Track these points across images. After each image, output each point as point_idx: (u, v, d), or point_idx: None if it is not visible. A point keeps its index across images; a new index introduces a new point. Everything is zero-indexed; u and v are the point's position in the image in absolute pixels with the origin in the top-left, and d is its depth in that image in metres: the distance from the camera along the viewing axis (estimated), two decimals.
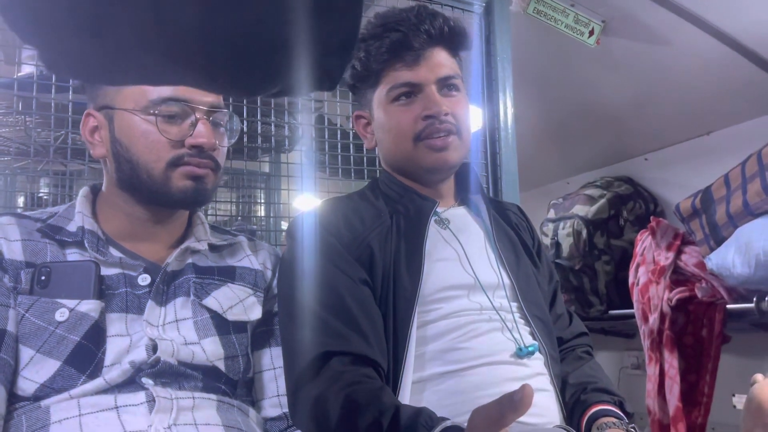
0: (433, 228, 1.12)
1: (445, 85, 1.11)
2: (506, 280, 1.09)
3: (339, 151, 1.72)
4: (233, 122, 1.03)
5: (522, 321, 1.07)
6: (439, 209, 1.15)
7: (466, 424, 0.74)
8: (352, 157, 1.71)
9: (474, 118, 1.83)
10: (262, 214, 2.18)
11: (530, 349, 1.02)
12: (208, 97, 0.96)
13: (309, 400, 0.92)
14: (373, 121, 1.17)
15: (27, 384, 0.82)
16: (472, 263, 1.08)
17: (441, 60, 1.11)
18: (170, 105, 0.93)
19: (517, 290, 1.09)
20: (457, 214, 1.17)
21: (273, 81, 0.49)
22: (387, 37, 1.09)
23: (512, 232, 1.20)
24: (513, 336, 1.03)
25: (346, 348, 0.95)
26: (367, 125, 1.20)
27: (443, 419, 0.81)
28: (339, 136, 1.73)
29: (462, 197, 1.22)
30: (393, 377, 0.97)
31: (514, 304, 1.08)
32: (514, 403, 0.66)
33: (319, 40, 0.44)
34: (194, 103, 0.95)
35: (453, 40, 1.14)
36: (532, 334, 1.07)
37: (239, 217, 2.06)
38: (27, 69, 1.39)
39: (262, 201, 2.19)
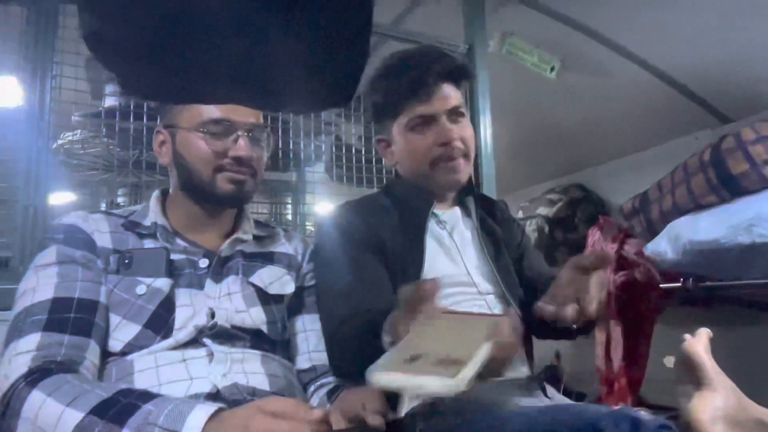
0: (432, 226, 1.10)
1: (454, 113, 1.09)
2: (491, 274, 1.08)
3: (354, 164, 1.73)
4: (269, 139, 1.04)
5: (500, 300, 1.06)
6: (438, 211, 1.13)
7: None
8: (363, 169, 1.74)
9: None
10: (290, 216, 2.20)
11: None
12: (250, 118, 0.96)
13: (340, 349, 0.94)
14: (394, 144, 1.14)
15: (115, 343, 0.84)
16: (463, 255, 1.08)
17: (449, 93, 1.09)
18: (216, 125, 0.94)
19: (498, 277, 1.07)
20: (453, 215, 1.16)
21: (298, 99, 0.49)
22: (404, 76, 1.07)
23: (497, 228, 1.17)
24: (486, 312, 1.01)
25: (364, 308, 0.94)
26: (387, 147, 1.17)
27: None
28: (353, 152, 1.76)
29: (459, 198, 1.20)
30: None
31: (496, 289, 1.07)
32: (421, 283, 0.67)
33: (335, 65, 0.44)
34: (236, 123, 0.94)
35: (458, 75, 1.12)
36: (504, 304, 1.05)
37: (272, 219, 2.08)
38: (110, 102, 1.43)
39: (290, 205, 2.21)
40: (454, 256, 1.08)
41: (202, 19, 0.41)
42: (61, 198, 1.80)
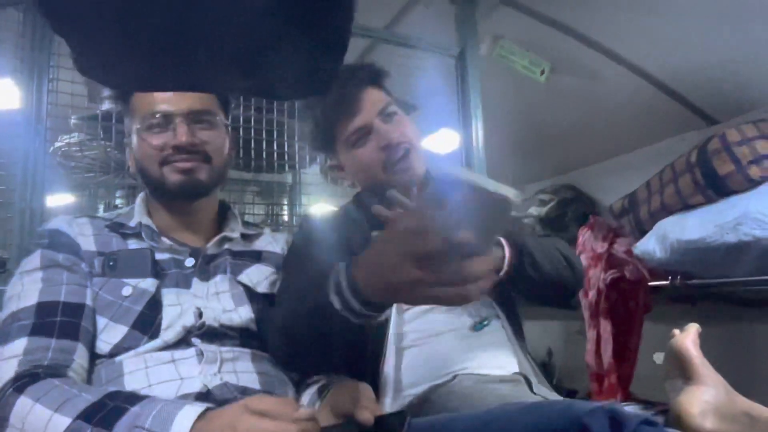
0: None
1: (384, 114, 1.05)
2: None
3: None
4: (223, 120, 0.99)
5: (484, 299, 1.03)
6: None
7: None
8: None
9: (452, 140, 1.87)
10: (286, 217, 2.19)
11: (484, 323, 1.00)
12: (188, 103, 0.92)
13: (274, 333, 0.88)
14: (345, 166, 1.11)
15: (103, 345, 0.83)
16: None
17: (374, 96, 1.06)
18: (153, 118, 0.92)
19: None
20: None
21: (276, 85, 0.46)
22: (330, 101, 1.05)
23: None
24: (472, 313, 1.01)
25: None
26: (340, 171, 1.14)
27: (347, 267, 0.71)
28: None
29: None
30: (375, 350, 0.95)
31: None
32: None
33: (314, 52, 0.41)
34: (173, 112, 0.91)
35: (373, 77, 1.08)
36: (492, 307, 1.03)
37: (269, 220, 2.09)
38: (107, 105, 1.42)
39: (286, 206, 2.21)
40: None
41: (177, 4, 0.38)
42: (59, 200, 1.79)
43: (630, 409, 0.84)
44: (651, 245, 1.71)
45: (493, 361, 0.96)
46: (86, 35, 0.40)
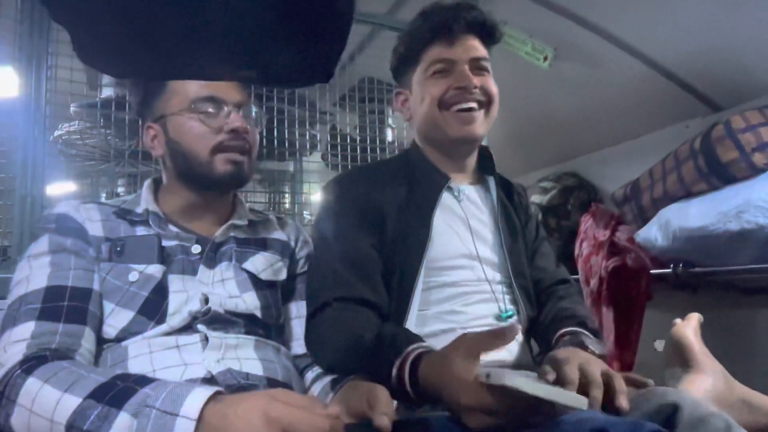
0: (446, 202, 1.03)
1: (478, 65, 1.02)
2: (501, 258, 1.03)
3: (349, 152, 1.73)
4: (260, 118, 1.01)
5: (507, 291, 1.02)
6: (455, 186, 1.06)
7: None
8: (359, 158, 1.74)
9: None
10: (288, 205, 2.20)
11: (509, 313, 1.00)
12: (237, 95, 0.94)
13: (314, 330, 0.92)
14: (411, 96, 1.08)
15: (110, 329, 0.83)
16: (475, 239, 1.01)
17: (474, 44, 1.03)
18: (207, 102, 0.92)
19: (510, 266, 1.02)
20: (472, 192, 1.08)
21: (279, 73, 0.46)
22: (429, 20, 1.03)
23: (514, 213, 1.11)
24: (498, 305, 1.00)
25: (348, 294, 0.92)
26: (405, 101, 1.10)
27: (418, 339, 0.78)
28: (349, 141, 1.75)
29: (479, 177, 1.12)
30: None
31: (505, 278, 1.02)
32: (502, 330, 0.65)
33: (317, 41, 0.42)
34: (226, 99, 0.93)
35: (486, 31, 1.05)
36: (514, 301, 1.02)
37: (271, 208, 2.08)
38: (107, 92, 1.41)
39: (288, 194, 2.21)
40: (463, 235, 1.02)
41: None
42: (60, 188, 1.79)
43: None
44: (653, 233, 1.71)
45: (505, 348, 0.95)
46: (86, 23, 0.39)
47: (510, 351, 0.98)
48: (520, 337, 1.01)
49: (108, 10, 0.38)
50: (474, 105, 1.01)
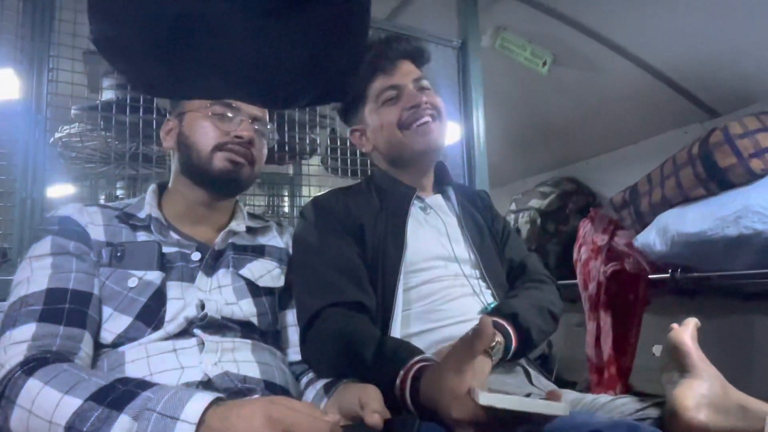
0: (415, 210, 1.10)
1: (420, 85, 1.11)
2: (473, 255, 1.08)
3: (349, 156, 1.73)
4: (272, 135, 1.05)
5: (485, 286, 1.06)
6: (422, 196, 1.14)
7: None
8: (358, 161, 1.74)
9: (453, 132, 1.86)
10: (287, 208, 2.20)
11: (492, 305, 1.01)
12: (255, 111, 0.99)
13: (312, 341, 0.92)
14: (368, 128, 1.14)
15: (107, 334, 0.83)
16: (448, 240, 1.07)
17: (411, 68, 1.12)
18: (224, 107, 0.96)
19: (481, 263, 1.07)
20: (436, 201, 1.16)
21: (301, 95, 0.49)
22: (367, 57, 1.09)
23: (478, 215, 1.17)
24: (480, 299, 1.02)
25: (341, 299, 0.94)
26: (361, 136, 1.17)
27: (420, 352, 0.79)
28: (348, 144, 1.75)
29: (438, 188, 1.19)
30: (383, 333, 0.95)
31: (479, 273, 1.06)
32: (476, 331, 0.65)
33: (334, 61, 0.44)
34: (243, 110, 0.97)
35: (418, 54, 1.15)
36: (493, 295, 1.05)
37: (270, 211, 2.08)
38: (107, 95, 1.42)
39: (287, 197, 2.21)
40: (439, 236, 1.08)
41: (207, 19, 0.41)
42: (60, 191, 1.79)
43: (627, 400, 0.84)
44: (651, 238, 1.70)
45: None
46: (139, 62, 0.44)
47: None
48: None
49: (154, 47, 0.42)
50: (428, 119, 1.08)
